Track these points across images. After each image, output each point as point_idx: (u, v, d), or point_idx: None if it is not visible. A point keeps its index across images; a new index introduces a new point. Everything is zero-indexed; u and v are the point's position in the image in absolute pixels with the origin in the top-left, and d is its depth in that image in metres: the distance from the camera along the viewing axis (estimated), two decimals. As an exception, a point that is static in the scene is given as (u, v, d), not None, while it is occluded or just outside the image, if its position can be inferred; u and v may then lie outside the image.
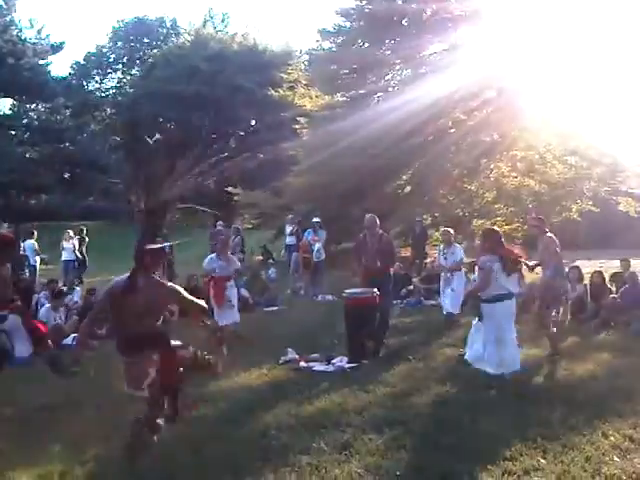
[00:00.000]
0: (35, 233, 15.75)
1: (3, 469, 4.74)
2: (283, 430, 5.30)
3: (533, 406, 5.61)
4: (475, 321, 7.16)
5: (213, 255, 9.39)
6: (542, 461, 4.36)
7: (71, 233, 16.29)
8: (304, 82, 29.70)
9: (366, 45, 22.10)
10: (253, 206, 23.96)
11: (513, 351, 6.79)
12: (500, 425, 5.11)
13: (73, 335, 9.89)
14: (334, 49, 23.16)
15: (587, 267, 12.21)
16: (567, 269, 10.72)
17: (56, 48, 38.85)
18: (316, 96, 24.58)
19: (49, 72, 39.61)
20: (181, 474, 4.45)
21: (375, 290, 8.04)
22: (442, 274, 10.54)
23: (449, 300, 10.06)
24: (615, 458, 4.37)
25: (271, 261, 19.12)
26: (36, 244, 15.46)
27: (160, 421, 4.80)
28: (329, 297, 13.29)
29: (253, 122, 42.84)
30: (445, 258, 10.37)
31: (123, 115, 41.98)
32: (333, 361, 7.72)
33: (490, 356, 6.73)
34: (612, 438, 4.70)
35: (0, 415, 6.22)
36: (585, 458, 4.38)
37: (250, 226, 24.07)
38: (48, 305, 10.21)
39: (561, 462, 4.35)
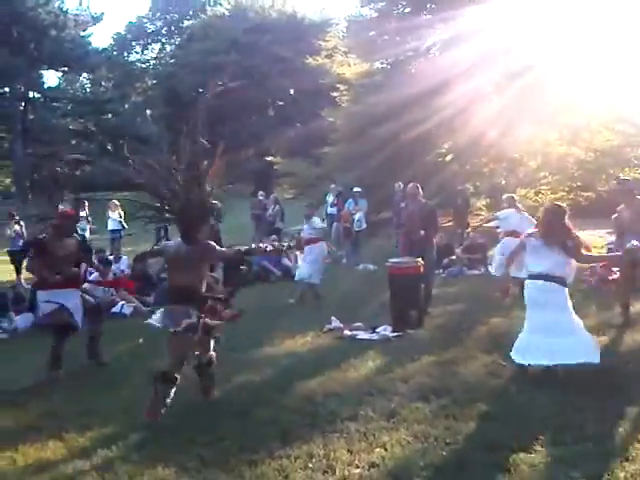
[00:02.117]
0: (87, 203, 16.06)
1: (59, 430, 4.91)
2: (329, 397, 5.34)
3: (583, 377, 5.51)
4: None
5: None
6: (592, 431, 4.29)
7: (116, 202, 16.50)
8: (342, 50, 29.34)
9: (406, 10, 21.69)
10: (292, 175, 23.98)
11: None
12: (549, 395, 5.04)
13: (122, 303, 10.16)
14: (374, 16, 22.79)
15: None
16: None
17: (96, 19, 39.08)
18: (355, 64, 24.26)
19: (90, 43, 39.94)
20: (230, 438, 4.52)
21: (419, 259, 8.01)
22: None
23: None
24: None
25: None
26: (87, 214, 15.78)
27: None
28: (370, 266, 13.30)
29: (292, 91, 42.65)
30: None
31: (163, 86, 42.19)
32: (377, 330, 7.73)
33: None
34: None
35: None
36: (636, 430, 4.30)
37: (290, 196, 24.07)
38: (96, 274, 10.43)
39: (611, 434, 4.28)
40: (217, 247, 5.26)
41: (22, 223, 14.32)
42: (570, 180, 18.67)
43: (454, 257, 12.95)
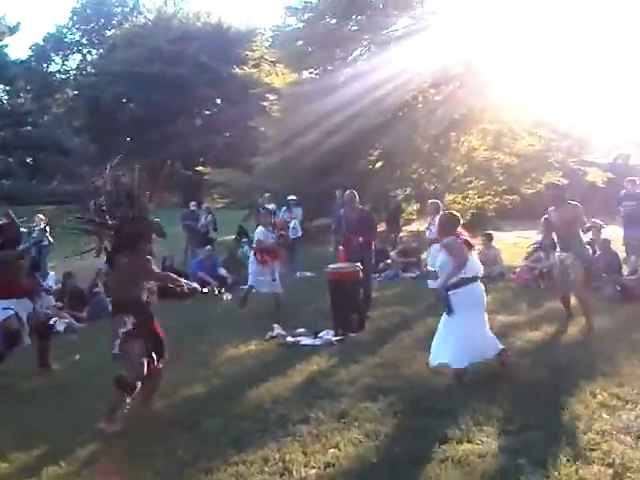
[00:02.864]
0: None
1: (2, 449, 4.73)
2: (279, 403, 5.37)
3: (518, 369, 5.76)
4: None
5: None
6: (534, 420, 4.51)
7: (41, 217, 15.93)
8: (269, 59, 29.43)
9: (333, 21, 21.98)
10: (223, 185, 23.81)
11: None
12: (488, 389, 5.25)
13: (55, 319, 9.81)
14: (300, 26, 22.98)
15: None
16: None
17: (13, 29, 37.66)
18: (282, 73, 24.38)
19: (7, 55, 38.43)
20: (184, 449, 4.48)
21: (358, 264, 8.15)
22: (430, 247, 10.45)
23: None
24: (604, 415, 4.53)
25: (245, 240, 19.05)
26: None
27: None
28: (308, 273, 13.38)
29: (218, 101, 42.39)
30: (431, 230, 10.32)
31: (85, 97, 41.07)
32: (320, 335, 7.79)
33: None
34: (600, 397, 4.86)
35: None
36: (576, 416, 4.54)
37: (220, 205, 23.86)
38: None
39: (552, 420, 4.50)
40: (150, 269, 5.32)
41: None
42: (495, 184, 19.39)
43: (389, 261, 13.21)
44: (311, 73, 22.99)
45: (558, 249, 7.91)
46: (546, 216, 7.90)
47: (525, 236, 16.10)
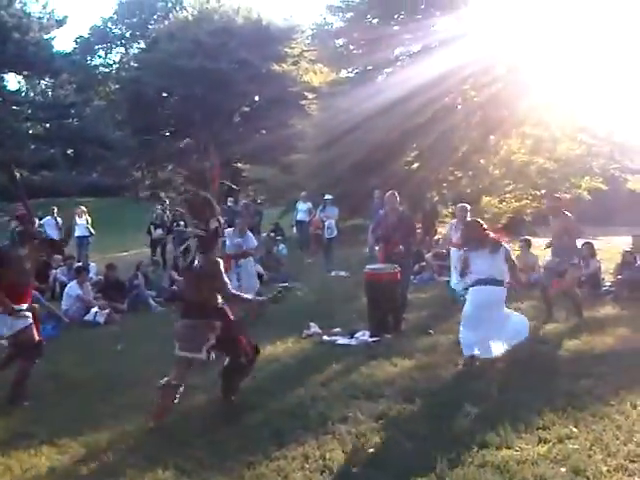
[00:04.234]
0: (55, 210, 15.82)
1: (51, 436, 4.92)
2: (317, 400, 5.47)
3: (558, 378, 5.76)
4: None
5: (230, 230, 9.63)
6: (574, 430, 4.51)
7: (84, 209, 16.32)
8: (308, 57, 29.52)
9: (374, 21, 21.98)
10: (261, 182, 24.03)
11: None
12: (528, 396, 5.27)
13: (95, 311, 10.09)
14: (341, 25, 23.02)
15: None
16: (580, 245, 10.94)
17: (60, 22, 38.45)
18: (321, 72, 24.47)
19: (53, 47, 39.26)
20: (227, 442, 4.61)
21: (396, 266, 8.18)
22: (452, 250, 10.56)
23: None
24: (646, 427, 4.53)
25: (280, 238, 19.22)
26: (60, 220, 15.56)
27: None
28: (342, 273, 13.45)
29: (257, 97, 42.63)
30: (458, 235, 10.38)
31: (127, 90, 41.73)
32: (356, 335, 7.87)
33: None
34: (640, 408, 4.86)
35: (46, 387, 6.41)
36: (616, 427, 4.53)
37: (258, 202, 24.08)
38: (75, 282, 10.37)
39: (593, 430, 4.50)
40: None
41: None
42: (533, 188, 19.17)
43: (424, 263, 13.20)
44: (350, 72, 22.99)
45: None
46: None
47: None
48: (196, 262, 5.22)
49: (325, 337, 7.96)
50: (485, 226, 6.76)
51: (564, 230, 8.37)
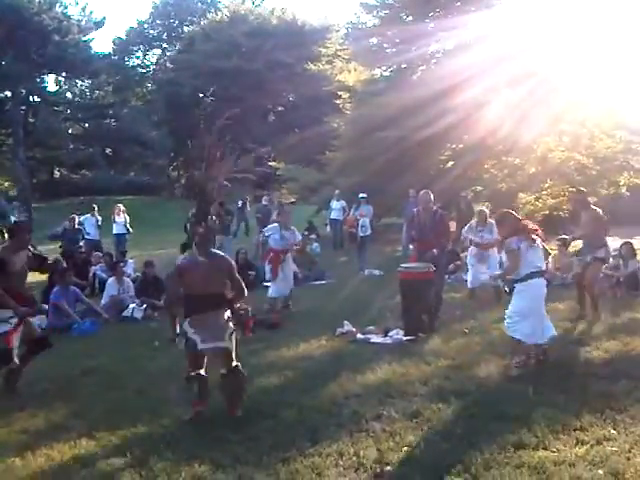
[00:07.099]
0: (96, 208, 16.14)
1: (89, 429, 5.04)
2: (351, 398, 5.49)
3: (596, 380, 5.67)
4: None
5: (276, 225, 9.78)
6: (613, 432, 4.44)
7: (122, 207, 16.62)
8: (343, 56, 29.54)
9: (409, 19, 21.89)
10: (295, 181, 24.14)
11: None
12: (565, 397, 5.20)
13: (132, 307, 10.26)
14: (376, 23, 22.99)
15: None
16: (619, 245, 10.74)
17: (98, 24, 39.25)
18: (355, 70, 24.47)
19: (92, 49, 40.12)
20: (261, 437, 4.67)
21: (431, 265, 8.15)
22: (470, 250, 10.69)
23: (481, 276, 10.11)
24: (686, 430, 4.43)
25: (314, 236, 19.26)
26: (99, 218, 15.88)
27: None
28: (375, 272, 13.44)
29: (291, 97, 42.84)
30: (482, 236, 10.36)
31: (164, 91, 42.34)
32: (390, 334, 7.86)
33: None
34: (681, 411, 4.75)
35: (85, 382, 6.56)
36: (655, 429, 4.46)
37: (290, 201, 24.23)
38: (113, 278, 10.57)
39: (632, 433, 4.42)
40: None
41: None
42: (571, 185, 18.85)
43: (459, 262, 13.08)
44: (385, 71, 22.95)
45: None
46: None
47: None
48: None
49: (359, 335, 7.96)
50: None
51: (593, 222, 8.29)
